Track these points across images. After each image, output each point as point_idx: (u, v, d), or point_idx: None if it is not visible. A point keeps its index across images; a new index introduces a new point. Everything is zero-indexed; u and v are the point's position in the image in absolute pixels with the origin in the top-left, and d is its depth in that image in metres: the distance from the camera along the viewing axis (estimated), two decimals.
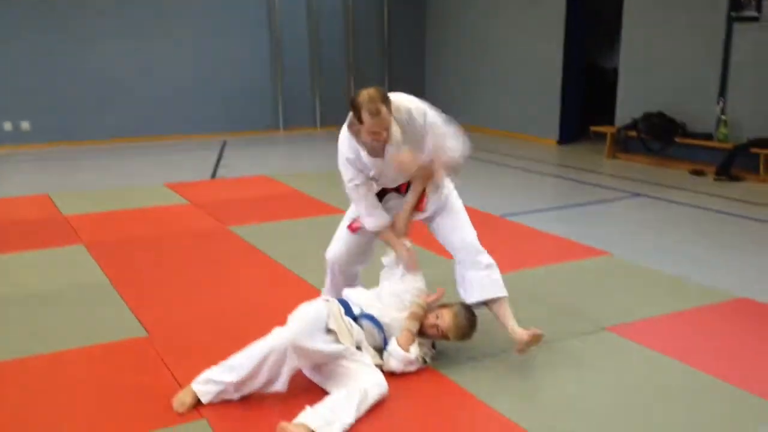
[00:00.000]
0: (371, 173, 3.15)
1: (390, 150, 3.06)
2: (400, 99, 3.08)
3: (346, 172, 3.18)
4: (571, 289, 4.09)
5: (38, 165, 8.34)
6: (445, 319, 3.04)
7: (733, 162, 7.13)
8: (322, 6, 10.66)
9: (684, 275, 4.31)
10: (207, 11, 9.95)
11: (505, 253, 4.28)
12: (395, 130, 3.03)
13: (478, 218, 5.18)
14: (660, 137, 7.92)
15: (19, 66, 9.01)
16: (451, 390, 2.92)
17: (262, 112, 10.58)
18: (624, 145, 8.49)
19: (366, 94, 2.90)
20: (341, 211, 5.77)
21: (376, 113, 2.89)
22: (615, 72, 8.91)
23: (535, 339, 3.04)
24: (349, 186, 3.20)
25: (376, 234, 3.31)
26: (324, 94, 10.87)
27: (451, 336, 3.06)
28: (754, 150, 7.01)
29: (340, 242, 3.43)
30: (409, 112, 3.06)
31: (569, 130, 9.47)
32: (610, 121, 8.71)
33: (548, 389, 2.94)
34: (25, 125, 9.18)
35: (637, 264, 4.53)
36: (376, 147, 3.05)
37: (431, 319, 3.06)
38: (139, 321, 3.59)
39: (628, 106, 8.42)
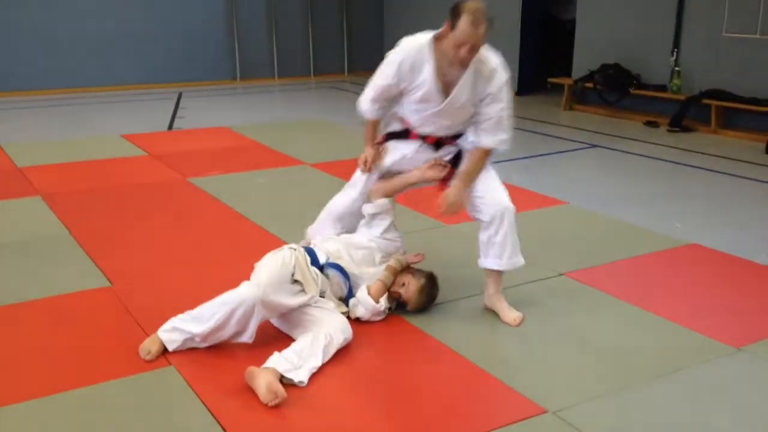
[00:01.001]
0: (427, 95, 2.96)
1: (458, 88, 2.91)
2: (492, 56, 2.93)
3: (383, 78, 3.02)
4: (529, 237, 4.14)
5: None
6: (410, 289, 3.07)
7: (686, 113, 7.30)
8: None
9: (638, 223, 4.45)
10: None
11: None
12: (471, 74, 2.89)
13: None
14: (615, 89, 8.04)
15: None
16: (415, 335, 3.00)
17: (218, 63, 10.39)
18: (581, 96, 8.60)
19: (474, 4, 2.76)
20: (301, 162, 5.77)
21: (476, 24, 2.73)
22: (572, 23, 8.96)
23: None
24: (379, 79, 3.05)
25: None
26: (281, 44, 10.70)
27: (410, 307, 3.12)
28: (706, 101, 7.18)
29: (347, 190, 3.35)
30: (494, 69, 2.94)
31: (527, 81, 9.54)
32: (568, 73, 8.79)
33: (509, 334, 3.04)
34: None
35: (594, 212, 4.66)
36: (452, 71, 2.86)
37: (398, 284, 3.09)
38: (102, 271, 3.57)
39: (585, 58, 8.51)
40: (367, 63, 3.67)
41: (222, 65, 10.43)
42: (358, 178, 3.33)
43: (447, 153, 3.21)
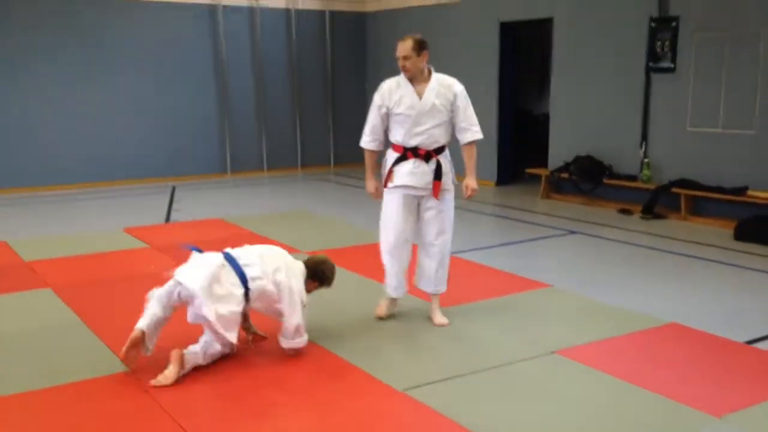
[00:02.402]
0: (406, 105, 4.10)
1: (426, 93, 4.09)
2: (449, 78, 4.21)
3: (374, 109, 4.26)
4: (518, 318, 4.48)
5: None
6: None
7: (657, 201, 7.75)
8: (268, 54, 11.04)
9: (617, 303, 4.76)
10: (156, 58, 10.18)
11: (455, 287, 4.67)
12: (436, 83, 4.12)
13: None
14: (590, 179, 8.52)
15: None
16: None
17: (209, 157, 10.80)
18: (557, 186, 9.07)
19: (411, 35, 4.13)
20: (296, 250, 6.06)
21: (402, 40, 4.09)
22: (545, 116, 9.54)
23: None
24: (372, 108, 4.27)
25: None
26: (270, 139, 11.19)
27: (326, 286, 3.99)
28: (675, 190, 7.65)
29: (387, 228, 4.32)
30: (451, 81, 4.19)
31: (505, 172, 10.03)
32: (544, 164, 9.29)
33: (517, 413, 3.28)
34: None
35: (576, 294, 4.97)
36: (419, 83, 4.12)
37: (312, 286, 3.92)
38: (117, 356, 3.76)
39: (559, 150, 9.03)
40: (351, 156, 4.19)
41: (214, 159, 10.84)
42: (386, 214, 4.30)
43: (431, 168, 4.18)
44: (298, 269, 3.83)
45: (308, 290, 3.89)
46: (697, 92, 7.58)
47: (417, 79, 4.14)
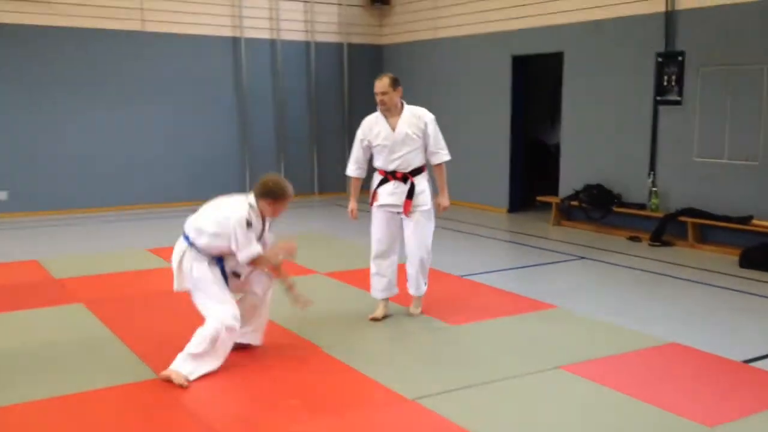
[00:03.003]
0: (382, 137, 4.77)
1: (399, 125, 4.74)
2: (416, 107, 4.87)
3: (357, 143, 4.93)
4: (524, 336, 4.69)
5: (18, 233, 8.66)
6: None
7: (665, 229, 7.95)
8: (287, 85, 11.43)
9: (621, 324, 4.96)
10: (181, 88, 10.57)
11: (466, 307, 4.93)
12: (409, 114, 4.78)
13: (440, 278, 5.90)
14: (599, 207, 8.74)
15: None
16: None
17: (230, 182, 11.11)
18: (567, 213, 9.30)
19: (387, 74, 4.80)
20: (314, 272, 6.31)
21: (379, 79, 4.76)
22: (557, 147, 9.80)
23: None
24: (356, 141, 4.94)
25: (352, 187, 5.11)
26: (288, 165, 11.53)
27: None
28: (682, 218, 7.85)
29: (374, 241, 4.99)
30: (422, 112, 4.84)
31: (517, 199, 10.28)
32: (555, 192, 9.53)
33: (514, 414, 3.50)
34: (1, 195, 9.53)
35: (582, 315, 5.18)
36: (393, 117, 4.77)
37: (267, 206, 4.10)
38: (149, 366, 4.02)
39: (570, 179, 9.27)
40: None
41: (234, 185, 11.15)
42: (373, 229, 4.98)
43: (406, 187, 4.81)
44: (242, 202, 4.05)
45: (268, 213, 4.12)
46: (703, 124, 7.82)
47: (391, 111, 4.81)
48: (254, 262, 4.02)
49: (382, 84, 4.74)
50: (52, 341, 4.50)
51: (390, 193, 4.85)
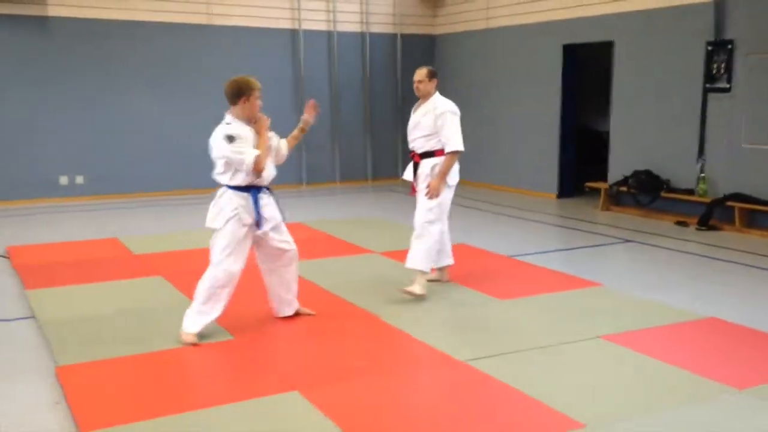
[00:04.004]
0: (411, 119, 5.33)
1: (418, 111, 5.25)
2: (442, 100, 5.24)
3: None
4: (569, 309, 5.01)
5: (96, 214, 9.31)
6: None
7: (712, 214, 8.11)
8: (342, 75, 11.86)
9: (665, 301, 5.23)
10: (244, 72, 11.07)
11: (513, 283, 5.26)
12: (431, 104, 5.18)
13: (488, 257, 6.26)
14: (648, 192, 8.93)
15: (75, 126, 10.10)
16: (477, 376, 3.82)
17: (288, 169, 11.61)
18: (616, 199, 9.50)
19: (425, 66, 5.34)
20: (370, 251, 6.70)
21: (419, 68, 5.28)
22: (606, 134, 9.99)
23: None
24: None
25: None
26: (343, 153, 11.99)
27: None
28: (730, 203, 8.00)
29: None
30: (439, 104, 5.18)
31: (566, 185, 10.52)
32: (603, 178, 9.74)
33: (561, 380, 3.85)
34: (79, 179, 10.23)
35: (624, 292, 5.46)
36: (421, 103, 5.26)
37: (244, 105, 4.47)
38: (224, 328, 4.49)
39: (618, 165, 9.47)
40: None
41: (292, 171, 11.68)
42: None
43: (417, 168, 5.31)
44: (219, 126, 4.43)
45: (249, 112, 4.49)
46: (752, 111, 7.95)
47: (424, 99, 5.28)
48: (256, 164, 4.30)
49: (420, 73, 5.24)
50: (139, 307, 5.03)
51: (409, 170, 5.43)
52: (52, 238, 7.47)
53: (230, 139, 4.26)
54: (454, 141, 5.13)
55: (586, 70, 10.79)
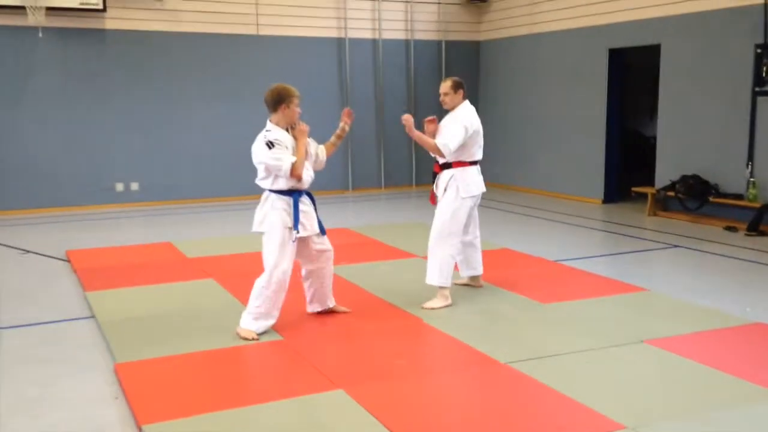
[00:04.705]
0: None
1: (443, 120, 5.30)
2: (464, 110, 5.22)
3: None
4: (612, 313, 5.04)
5: (150, 219, 9.63)
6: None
7: (762, 219, 7.99)
8: (387, 82, 12.02)
9: (712, 307, 5.20)
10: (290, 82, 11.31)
11: (557, 288, 5.29)
12: (453, 115, 5.21)
13: (533, 262, 6.31)
14: (696, 197, 8.83)
15: (130, 136, 10.46)
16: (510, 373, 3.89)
17: (334, 175, 11.83)
18: (663, 204, 9.41)
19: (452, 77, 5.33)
20: (414, 255, 6.82)
21: (444, 80, 5.33)
22: (653, 139, 9.91)
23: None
24: None
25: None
26: (387, 159, 12.14)
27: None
28: None
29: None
30: (460, 115, 5.18)
31: (612, 190, 10.45)
32: (650, 183, 9.66)
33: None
34: (134, 186, 10.60)
35: (671, 297, 5.44)
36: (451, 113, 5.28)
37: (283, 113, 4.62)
38: (274, 330, 4.65)
39: (666, 170, 9.38)
40: None
41: (337, 177, 11.87)
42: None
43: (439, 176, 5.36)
44: (260, 134, 4.59)
45: (289, 119, 4.64)
46: None
47: (451, 110, 5.29)
48: (294, 170, 4.44)
49: (445, 85, 5.26)
50: (192, 308, 5.23)
51: (435, 180, 5.44)
52: (109, 243, 7.78)
53: (270, 145, 4.45)
54: (446, 139, 5.08)
55: (633, 73, 10.73)
